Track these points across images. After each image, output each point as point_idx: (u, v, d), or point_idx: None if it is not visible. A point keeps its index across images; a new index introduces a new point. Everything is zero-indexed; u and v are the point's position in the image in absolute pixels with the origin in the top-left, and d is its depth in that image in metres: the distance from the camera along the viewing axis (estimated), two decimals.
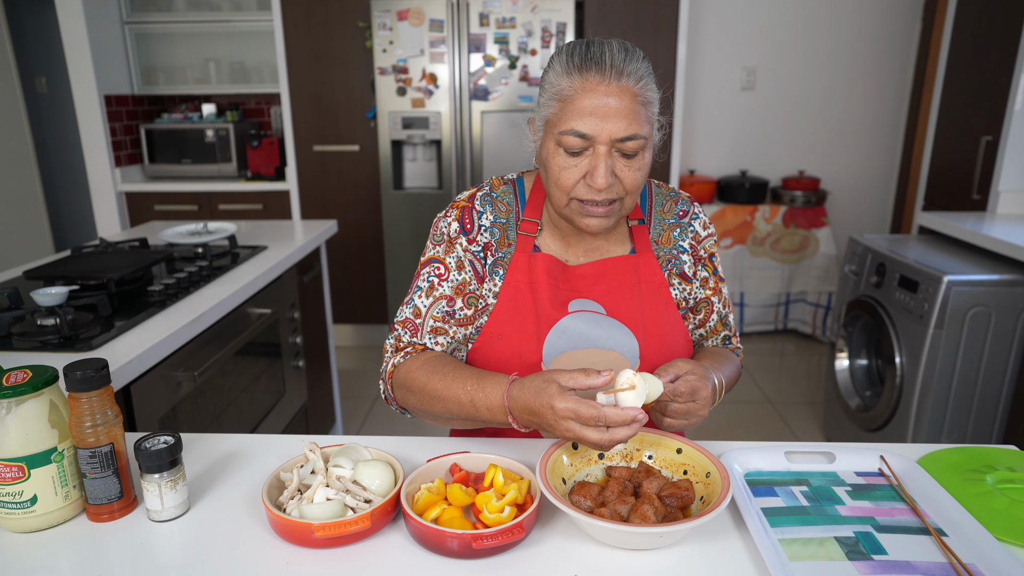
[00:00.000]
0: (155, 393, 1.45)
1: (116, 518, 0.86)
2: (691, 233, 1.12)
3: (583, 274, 1.06)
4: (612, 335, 1.04)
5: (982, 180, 2.74)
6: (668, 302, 1.08)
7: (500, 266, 1.07)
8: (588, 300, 1.05)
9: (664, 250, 1.11)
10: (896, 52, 3.95)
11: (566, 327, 1.03)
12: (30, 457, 0.81)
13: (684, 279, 1.11)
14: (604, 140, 0.93)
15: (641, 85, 0.93)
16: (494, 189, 1.11)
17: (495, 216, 1.08)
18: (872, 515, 0.84)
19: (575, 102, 0.93)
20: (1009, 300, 2.09)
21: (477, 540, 0.76)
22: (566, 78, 0.94)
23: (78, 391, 0.81)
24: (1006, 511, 0.84)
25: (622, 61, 0.92)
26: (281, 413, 2.14)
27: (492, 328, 1.05)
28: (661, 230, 1.12)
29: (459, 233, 1.07)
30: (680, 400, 0.91)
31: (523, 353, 1.03)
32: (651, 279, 1.07)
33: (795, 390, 3.34)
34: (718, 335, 1.18)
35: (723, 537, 0.82)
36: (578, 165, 0.96)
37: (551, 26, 3.20)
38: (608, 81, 0.92)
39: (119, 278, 1.68)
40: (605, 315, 1.05)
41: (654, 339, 1.04)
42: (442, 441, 1.05)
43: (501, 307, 1.05)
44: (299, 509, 0.81)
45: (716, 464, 0.86)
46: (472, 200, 1.09)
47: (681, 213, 1.13)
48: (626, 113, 0.92)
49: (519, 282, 1.05)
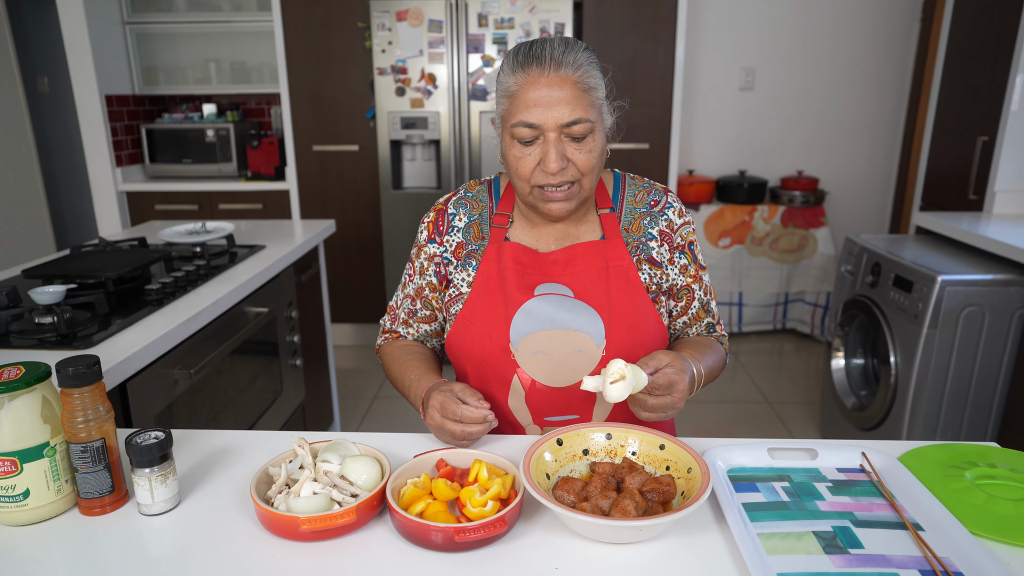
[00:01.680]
0: (151, 390, 1.46)
1: (107, 512, 0.87)
2: (664, 221, 1.15)
3: (554, 260, 1.12)
4: (578, 317, 1.08)
5: (978, 180, 2.74)
6: (636, 286, 1.11)
7: (474, 257, 1.15)
8: (557, 284, 1.11)
9: (633, 237, 1.14)
10: (895, 52, 3.96)
11: (531, 309, 1.09)
12: (23, 452, 0.83)
13: (653, 264, 1.14)
14: (551, 127, 1.00)
15: (580, 73, 1.01)
16: (469, 190, 1.21)
17: (469, 215, 1.18)
18: (851, 510, 0.86)
19: (521, 96, 1.01)
20: (1003, 300, 2.10)
21: (460, 533, 0.77)
22: (512, 76, 1.03)
23: (70, 387, 0.83)
24: (983, 506, 0.85)
25: (561, 54, 1.00)
26: (278, 412, 2.16)
27: (466, 314, 1.13)
28: (632, 219, 1.15)
29: (427, 240, 1.19)
30: (657, 393, 0.94)
31: (493, 335, 1.09)
32: (619, 264, 1.11)
33: (793, 390, 3.35)
34: (701, 322, 1.21)
35: (703, 531, 0.83)
36: (532, 154, 1.03)
37: (549, 26, 3.22)
38: (548, 73, 1.00)
39: (117, 277, 1.70)
40: (572, 298, 1.09)
41: (620, 320, 1.08)
42: (430, 437, 1.06)
43: (474, 294, 1.13)
44: (286, 503, 0.83)
45: (697, 460, 0.87)
46: (447, 203, 1.20)
47: (653, 203, 1.16)
48: (568, 100, 1.00)
49: (490, 271, 1.13)
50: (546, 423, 1.11)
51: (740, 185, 3.86)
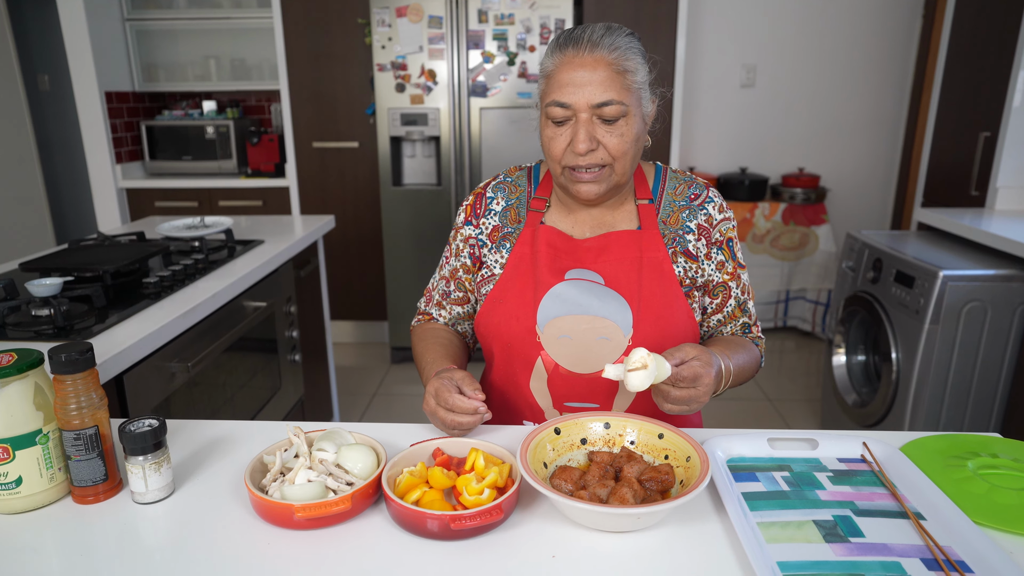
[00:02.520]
0: (148, 383, 1.46)
1: (101, 500, 0.87)
2: (703, 216, 1.14)
3: (588, 247, 1.11)
4: (607, 304, 1.07)
5: (980, 176, 2.73)
6: (670, 278, 1.10)
7: (509, 240, 1.16)
8: (587, 271, 1.10)
9: (671, 229, 1.13)
10: (897, 49, 3.94)
11: (560, 293, 1.09)
12: (15, 439, 0.82)
13: (689, 257, 1.12)
14: (583, 107, 1.01)
15: (617, 55, 1.01)
16: (509, 175, 1.22)
17: (507, 199, 1.19)
18: (852, 499, 0.85)
19: (555, 76, 1.02)
20: (1005, 295, 2.09)
21: (456, 521, 0.76)
22: (550, 57, 1.04)
23: (63, 374, 0.82)
24: (985, 496, 0.84)
25: (599, 37, 1.01)
26: (277, 407, 2.15)
27: (496, 294, 1.14)
28: (670, 211, 1.14)
29: (463, 223, 1.20)
30: (682, 385, 0.92)
31: (520, 316, 1.10)
32: (653, 255, 1.10)
33: (794, 387, 3.34)
34: (736, 321, 1.18)
35: (702, 520, 0.83)
36: (563, 134, 1.04)
37: (550, 22, 3.21)
38: (583, 54, 1.01)
39: (114, 270, 1.69)
40: (603, 284, 1.09)
41: (649, 311, 1.07)
42: (426, 427, 1.06)
43: (506, 275, 1.14)
44: (280, 491, 0.82)
45: (696, 448, 0.86)
46: (486, 187, 1.21)
47: (693, 196, 1.15)
48: (600, 81, 1.00)
49: (523, 252, 1.13)
50: (566, 408, 1.10)
51: (741, 182, 3.85)
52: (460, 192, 3.43)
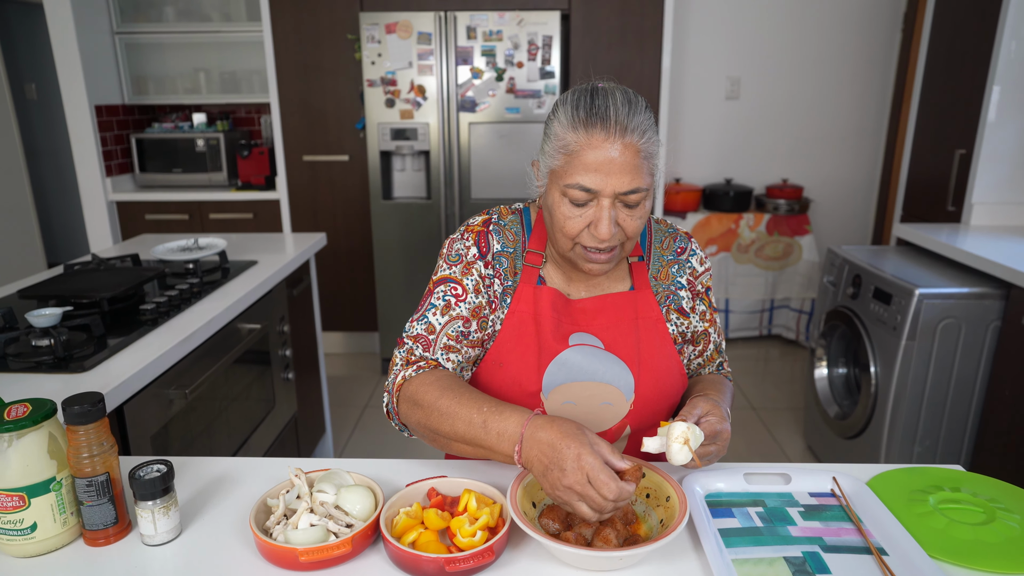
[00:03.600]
0: (148, 412, 1.50)
1: (112, 542, 0.91)
2: (688, 269, 1.17)
3: (583, 308, 1.11)
4: (609, 369, 1.08)
5: (956, 192, 2.81)
6: (664, 337, 1.12)
7: (508, 294, 1.11)
8: (587, 334, 1.10)
9: (663, 286, 1.15)
10: (877, 62, 4.03)
11: (566, 360, 1.08)
12: (30, 487, 0.86)
13: (681, 314, 1.16)
14: (608, 194, 0.97)
15: (645, 140, 0.97)
16: (502, 218, 1.15)
17: (503, 245, 1.13)
18: (821, 535, 0.90)
19: (580, 157, 0.96)
20: (978, 312, 2.16)
21: (451, 564, 0.81)
22: (572, 132, 0.97)
23: (76, 424, 0.86)
24: (943, 531, 0.90)
25: (626, 116, 0.95)
26: (271, 425, 2.19)
27: (495, 356, 1.10)
28: (660, 266, 1.16)
29: (477, 257, 1.11)
30: (704, 443, 0.96)
31: (523, 382, 1.07)
32: (648, 315, 1.12)
33: (779, 395, 3.41)
34: (714, 363, 1.24)
35: (682, 558, 0.88)
36: (583, 215, 1.00)
37: (537, 39, 3.26)
38: (613, 138, 0.95)
39: (111, 296, 1.73)
40: (603, 349, 1.09)
41: (649, 374, 1.09)
42: (421, 464, 1.10)
43: (504, 336, 1.09)
44: (284, 534, 0.87)
45: (675, 488, 0.92)
46: (487, 226, 1.13)
47: (679, 250, 1.18)
48: (629, 168, 0.96)
49: (523, 312, 1.09)
50: None
51: (726, 193, 3.92)
52: (449, 205, 3.48)
